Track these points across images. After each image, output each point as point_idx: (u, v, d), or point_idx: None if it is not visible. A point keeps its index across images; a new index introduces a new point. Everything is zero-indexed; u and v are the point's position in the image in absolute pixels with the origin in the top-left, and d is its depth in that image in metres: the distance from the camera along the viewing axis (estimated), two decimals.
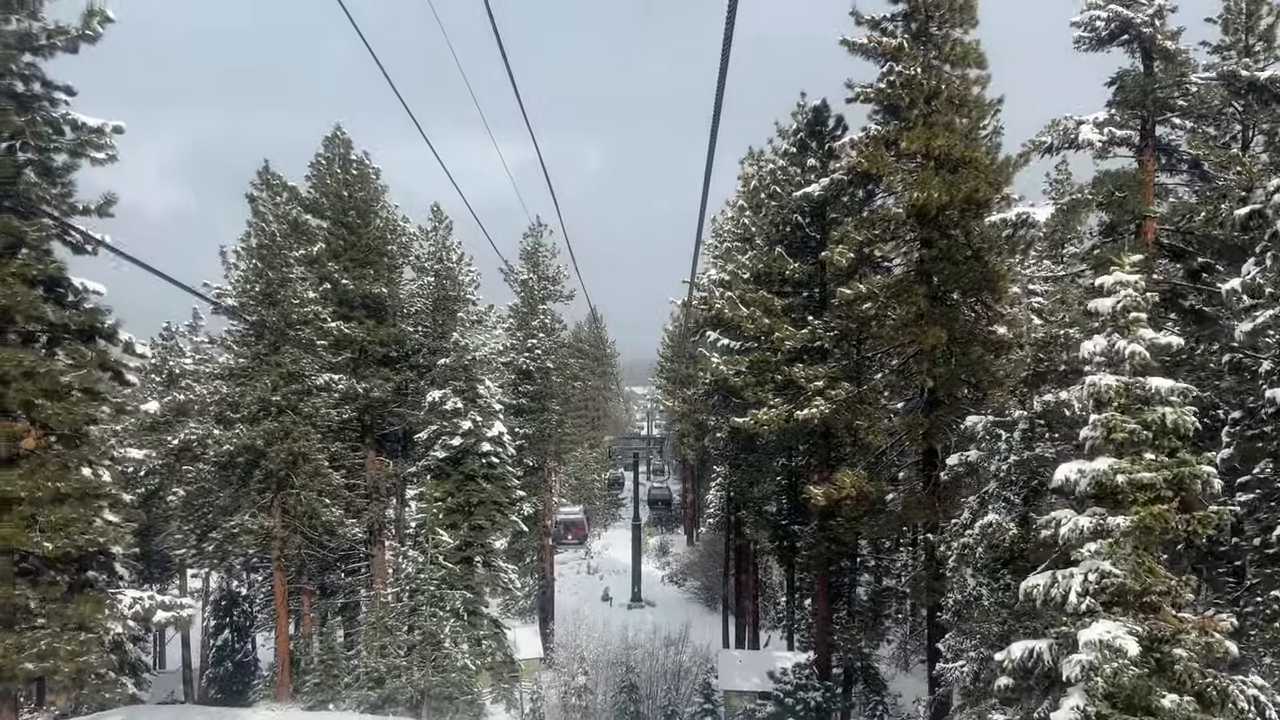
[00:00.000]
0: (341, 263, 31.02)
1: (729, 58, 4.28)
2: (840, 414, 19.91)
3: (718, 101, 4.71)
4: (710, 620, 45.91)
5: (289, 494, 27.88)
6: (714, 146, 5.40)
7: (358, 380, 30.31)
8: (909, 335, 18.93)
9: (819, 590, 23.00)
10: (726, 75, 4.41)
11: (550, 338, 41.32)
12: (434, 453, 28.36)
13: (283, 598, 28.62)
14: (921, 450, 20.43)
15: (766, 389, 22.26)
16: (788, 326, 21.26)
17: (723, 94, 4.62)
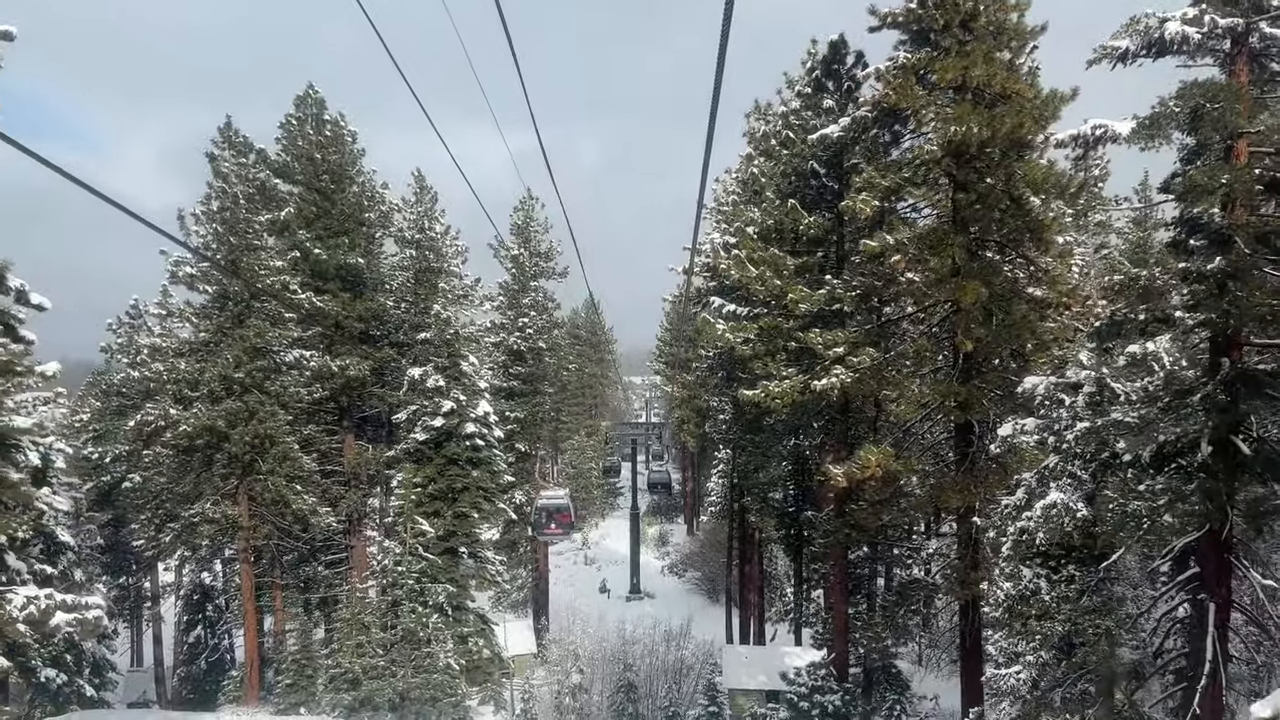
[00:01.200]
0: (314, 231, 28.38)
1: None
2: (864, 384, 17.35)
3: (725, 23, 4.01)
4: (713, 613, 43.45)
5: (256, 480, 25.33)
6: (720, 81, 4.42)
7: (332, 358, 27.70)
8: (944, 292, 16.36)
9: (835, 583, 20.48)
10: None
11: (543, 316, 38.68)
12: (413, 435, 25.78)
13: (250, 592, 26.08)
14: (954, 424, 17.88)
15: (778, 359, 19.69)
16: (802, 288, 18.67)
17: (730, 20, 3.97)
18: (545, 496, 28.49)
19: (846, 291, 18.10)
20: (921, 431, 18.58)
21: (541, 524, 27.89)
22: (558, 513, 27.49)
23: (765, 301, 20.67)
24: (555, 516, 27.49)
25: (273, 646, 28.70)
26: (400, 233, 31.37)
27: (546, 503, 27.88)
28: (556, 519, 27.49)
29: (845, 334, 17.92)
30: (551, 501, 27.78)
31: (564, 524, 27.80)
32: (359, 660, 24.52)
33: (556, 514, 27.48)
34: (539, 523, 28.04)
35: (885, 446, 17.33)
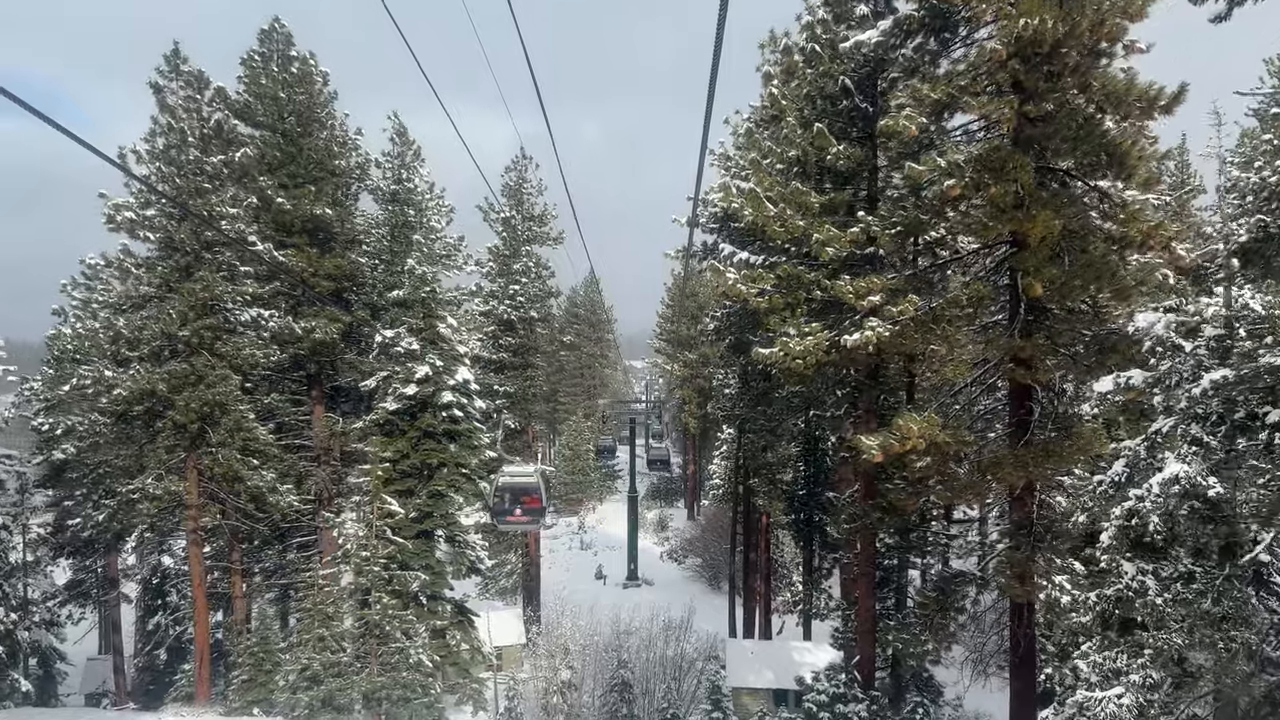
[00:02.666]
0: (277, 178, 25.18)
1: None
2: (905, 338, 14.21)
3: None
4: (714, 601, 40.50)
5: (206, 453, 22.26)
6: None
7: (296, 319, 24.56)
8: (1007, 224, 13.19)
9: (861, 574, 17.41)
10: None
11: (536, 284, 35.54)
12: (383, 405, 22.68)
13: (199, 578, 23.06)
14: (1012, 386, 14.75)
15: (799, 313, 16.55)
16: (830, 227, 15.49)
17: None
18: (508, 473, 21.22)
19: (884, 229, 14.93)
20: (972, 397, 15.45)
21: (504, 508, 21.05)
22: (524, 495, 20.70)
23: (784, 247, 17.52)
24: (521, 500, 20.75)
25: (231, 638, 25.71)
26: (377, 186, 28.15)
27: (510, 481, 20.81)
28: (523, 503, 20.74)
29: (882, 280, 14.75)
30: (516, 480, 20.84)
31: (532, 509, 20.74)
32: (320, 656, 21.56)
33: (523, 496, 20.75)
34: (500, 507, 21.09)
35: (930, 413, 14.22)
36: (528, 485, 20.76)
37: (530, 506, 20.84)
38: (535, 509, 20.88)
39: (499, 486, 21.04)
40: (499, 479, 21.04)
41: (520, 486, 20.82)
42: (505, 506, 21.02)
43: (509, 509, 20.94)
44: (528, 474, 21.11)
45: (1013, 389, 14.99)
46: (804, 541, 31.33)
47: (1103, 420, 13.87)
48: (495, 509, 21.25)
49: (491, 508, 21.49)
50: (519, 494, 20.82)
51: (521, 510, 20.89)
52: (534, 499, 20.76)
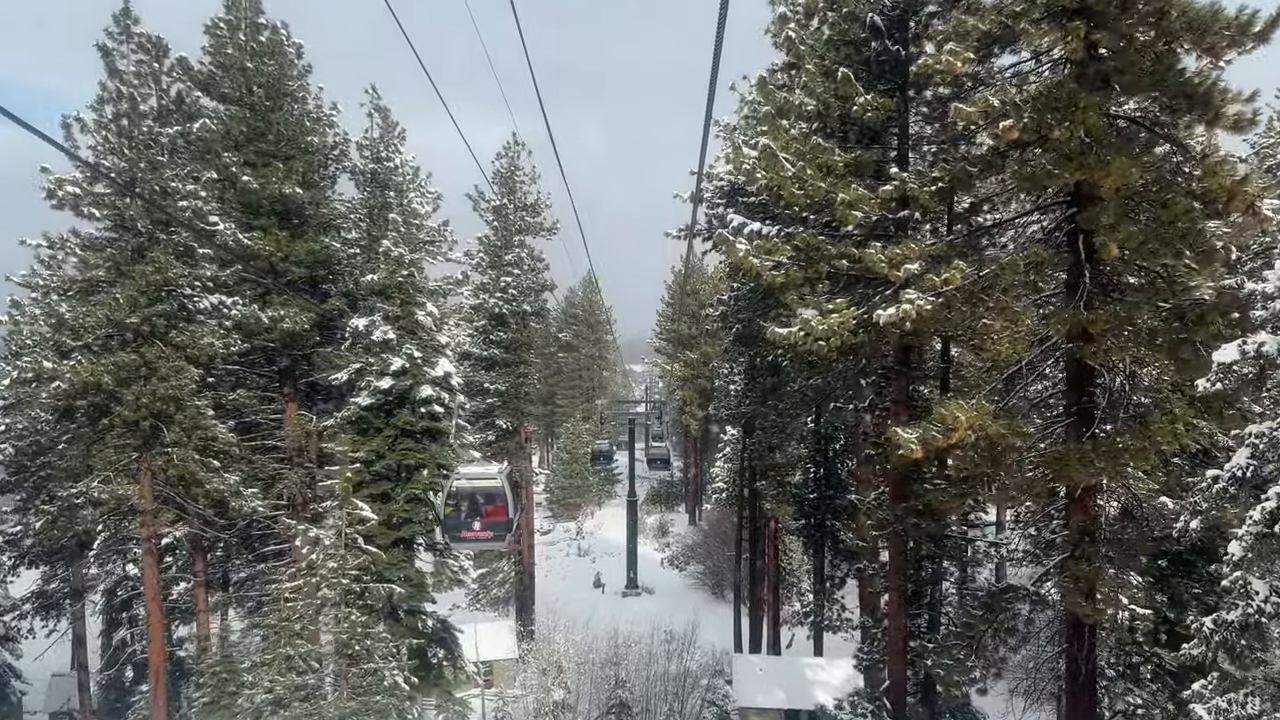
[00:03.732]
0: (244, 155, 22.94)
1: None
2: (950, 312, 11.95)
3: None
4: (719, 610, 38.18)
5: (160, 453, 19.97)
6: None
7: (265, 307, 22.28)
8: (1077, 171, 10.95)
9: (892, 587, 15.11)
10: None
11: (529, 276, 33.27)
12: (356, 400, 20.42)
13: (154, 590, 20.73)
14: (1074, 367, 12.51)
15: (819, 289, 14.33)
16: (857, 187, 13.25)
17: None
18: (464, 475, 15.52)
19: (922, 187, 12.69)
20: (1026, 382, 13.13)
21: (458, 521, 15.29)
22: (487, 501, 15.16)
23: (802, 215, 15.28)
24: (482, 509, 15.22)
25: (195, 656, 23.38)
26: (356, 168, 25.88)
27: (466, 485, 15.20)
28: (484, 514, 15.17)
29: (920, 246, 12.49)
30: (475, 483, 15.18)
31: (496, 522, 15.18)
32: (285, 678, 19.24)
33: (484, 505, 15.18)
34: (454, 520, 15.33)
35: (980, 401, 11.96)
36: (489, 490, 14.97)
37: (493, 518, 14.99)
38: (500, 521, 14.93)
39: (451, 492, 15.15)
40: (452, 482, 15.25)
41: (480, 492, 15.03)
42: (460, 518, 15.19)
43: (465, 521, 15.11)
44: (489, 475, 15.17)
45: (1073, 372, 12.74)
46: (815, 548, 29.02)
47: (1179, 408, 11.59)
48: (447, 522, 15.18)
49: (442, 520, 15.31)
50: (478, 502, 15.07)
51: (481, 523, 14.98)
52: (498, 508, 14.90)
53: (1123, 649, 14.73)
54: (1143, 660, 15.59)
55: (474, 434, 31.91)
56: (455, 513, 15.09)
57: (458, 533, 15.18)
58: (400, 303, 20.78)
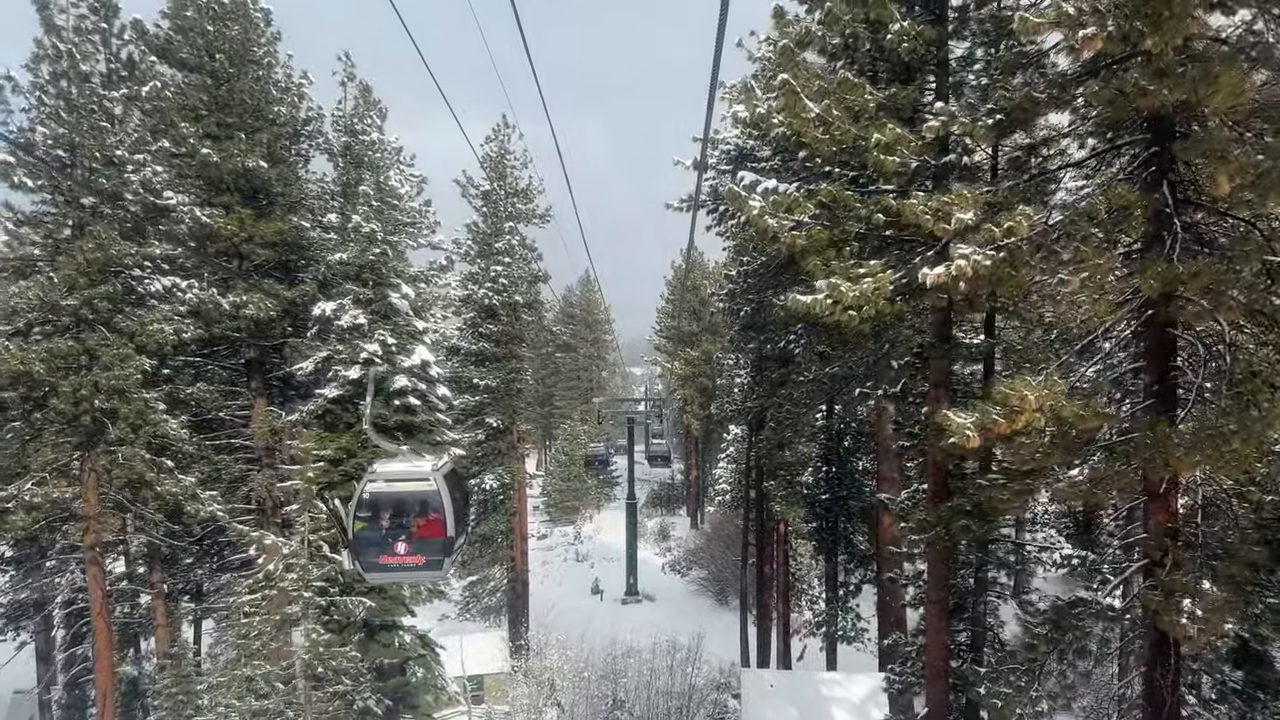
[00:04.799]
0: (204, 126, 20.75)
1: None
2: (1017, 268, 9.74)
3: None
4: (723, 618, 35.90)
5: (106, 452, 17.74)
6: None
7: (226, 292, 20.07)
8: (1177, 89, 8.77)
9: (932, 600, 12.87)
10: None
11: (520, 265, 31.09)
12: (322, 391, 18.21)
13: (100, 604, 18.48)
14: (1148, 338, 10.32)
15: (847, 252, 12.10)
16: (893, 127, 11.07)
17: None
18: (384, 474, 10.12)
19: (974, 122, 10.48)
20: (1114, 352, 10.89)
21: (374, 540, 10.14)
22: (417, 514, 10.16)
23: (825, 169, 13.12)
24: (409, 524, 10.14)
25: (148, 676, 21.14)
26: (330, 147, 23.69)
27: (384, 490, 10.06)
28: (411, 529, 10.13)
29: (974, 193, 10.28)
30: (397, 486, 10.11)
31: (428, 543, 10.09)
32: (242, 702, 17.01)
33: (412, 518, 10.17)
34: (368, 538, 10.14)
35: (1051, 376, 9.73)
36: (420, 495, 9.89)
37: (425, 536, 9.93)
38: (434, 541, 9.88)
39: (364, 500, 9.89)
40: (364, 485, 9.97)
41: (406, 499, 9.97)
42: (377, 536, 9.95)
43: (383, 541, 9.93)
44: (418, 474, 9.92)
45: (1154, 343, 10.52)
46: (827, 553, 26.82)
47: None
48: (357, 542, 10.02)
49: (349, 540, 10.12)
50: (404, 513, 10.02)
51: (408, 544, 9.91)
52: (431, 522, 9.85)
53: (1202, 670, 12.56)
54: (1219, 682, 13.37)
55: (462, 432, 29.74)
56: (370, 529, 9.73)
57: (373, 557, 9.77)
58: (372, 284, 18.58)
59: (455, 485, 10.07)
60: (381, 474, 9.94)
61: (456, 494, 10.02)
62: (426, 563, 9.95)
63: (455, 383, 30.27)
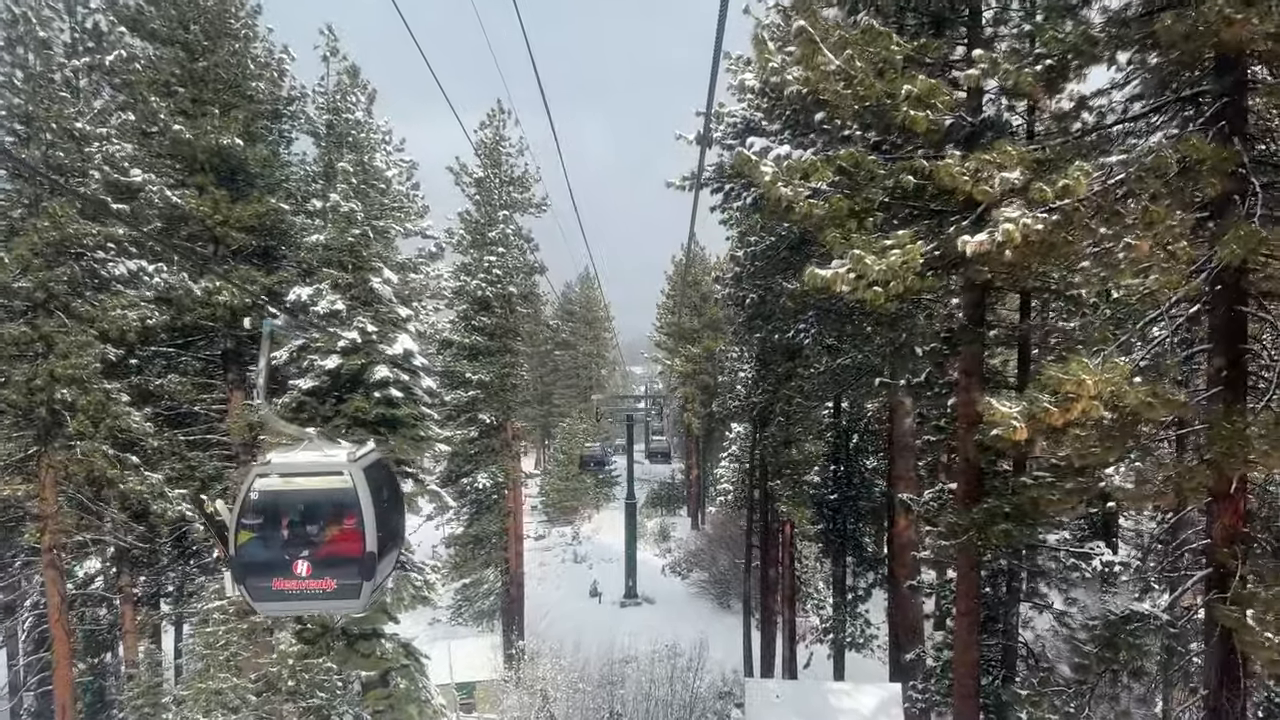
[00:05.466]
0: (177, 102, 19.42)
1: None
2: (1074, 231, 8.42)
3: None
4: (725, 621, 34.53)
5: (65, 446, 16.41)
6: None
7: (198, 278, 18.74)
8: (1262, 18, 7.44)
9: (962, 613, 11.51)
10: None
11: (515, 255, 29.74)
12: (297, 382, 16.86)
13: (59, 610, 17.12)
14: (1218, 316, 8.99)
15: (870, 222, 10.76)
16: (925, 79, 9.74)
17: None
18: (279, 465, 6.62)
19: (1019, 70, 9.14)
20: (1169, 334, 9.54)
21: (265, 556, 6.60)
22: (329, 521, 6.65)
23: (843, 135, 11.77)
24: (316, 535, 6.65)
25: (118, 685, 19.79)
26: (311, 123, 22.34)
27: (280, 487, 6.53)
28: (319, 545, 6.62)
29: (1019, 150, 8.93)
30: (298, 484, 6.57)
31: (342, 560, 6.55)
32: (209, 717, 15.66)
33: (325, 528, 6.66)
34: (254, 553, 6.57)
35: (1112, 358, 8.39)
36: (332, 496, 6.68)
37: (337, 551, 6.68)
38: (349, 559, 6.62)
39: (251, 503, 6.63)
40: (251, 480, 6.65)
41: (310, 500, 6.77)
42: (271, 550, 6.73)
43: (277, 557, 6.68)
44: (329, 466, 6.70)
45: (1223, 322, 9.18)
46: (835, 556, 25.47)
47: None
48: (239, 559, 6.63)
49: (230, 555, 6.64)
50: (306, 518, 6.79)
51: (312, 562, 6.63)
52: (347, 533, 6.64)
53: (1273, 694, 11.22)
54: None
55: (454, 429, 28.39)
56: (260, 541, 6.70)
57: (263, 581, 6.68)
58: (352, 268, 17.22)
59: (382, 483, 7.08)
60: (278, 466, 6.69)
61: (384, 494, 7.00)
62: (339, 589, 6.62)
63: (447, 377, 28.95)
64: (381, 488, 7.00)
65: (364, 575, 6.66)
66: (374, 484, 6.77)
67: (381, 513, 6.74)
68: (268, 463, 6.77)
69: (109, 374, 16.76)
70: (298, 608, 7.51)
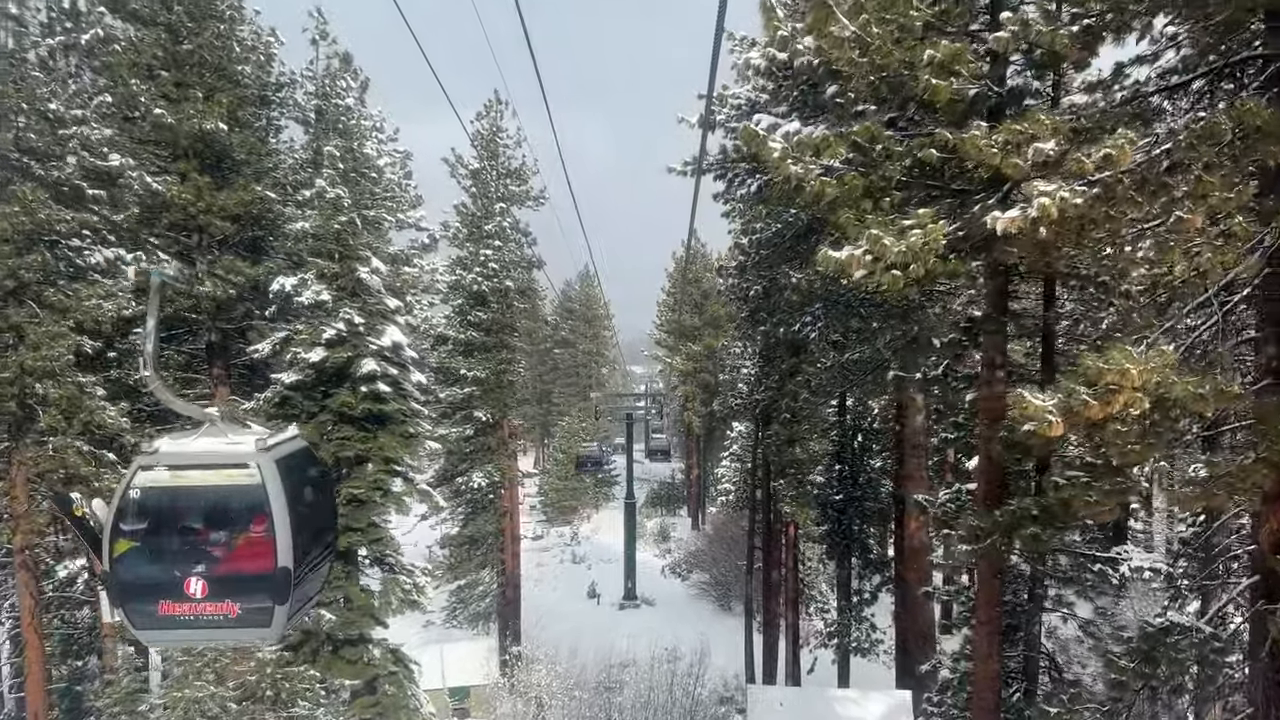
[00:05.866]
0: (159, 86, 18.64)
1: None
2: (1116, 205, 7.64)
3: None
4: (726, 624, 33.74)
5: (37, 443, 15.62)
6: None
7: (179, 266, 17.95)
8: None
9: (983, 622, 10.71)
10: None
11: (512, 249, 28.94)
12: (279, 376, 16.08)
13: (31, 615, 16.34)
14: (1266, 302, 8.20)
15: (885, 203, 9.96)
16: (949, 43, 8.96)
17: None
18: (167, 455, 5.11)
19: (1055, 31, 8.35)
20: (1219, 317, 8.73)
21: (153, 566, 5.15)
22: (232, 527, 5.17)
23: (857, 111, 10.96)
24: (214, 543, 5.16)
25: (94, 692, 18.98)
26: (300, 109, 21.55)
27: (170, 483, 5.05)
28: (219, 556, 5.13)
29: (1053, 119, 8.14)
30: (192, 480, 5.09)
31: (248, 579, 5.11)
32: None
33: (226, 535, 5.16)
34: (137, 566, 5.11)
35: (1158, 347, 7.60)
36: (235, 495, 5.14)
37: (239, 567, 5.15)
38: (257, 576, 5.11)
39: (131, 500, 5.10)
40: (132, 473, 5.15)
41: (204, 500, 5.23)
42: (157, 563, 5.20)
43: (164, 573, 5.17)
44: (230, 456, 5.15)
45: (1274, 310, 8.39)
46: (840, 558, 24.67)
47: None
48: (117, 570, 5.14)
49: (106, 573, 5.18)
50: (203, 523, 5.24)
51: (209, 578, 5.13)
52: (255, 541, 5.09)
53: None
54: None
55: (449, 427, 27.64)
56: (142, 552, 5.21)
57: (146, 603, 5.25)
58: (338, 257, 16.42)
59: (304, 479, 5.59)
60: (166, 456, 5.16)
61: (305, 494, 5.51)
62: (244, 615, 5.16)
63: (442, 374, 28.19)
64: (303, 485, 5.53)
65: (275, 597, 5.08)
66: (292, 480, 5.27)
67: (302, 517, 5.25)
68: (154, 452, 5.17)
69: (84, 367, 15.98)
70: (191, 637, 5.53)
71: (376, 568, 17.30)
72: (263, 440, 5.27)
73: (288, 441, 5.61)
